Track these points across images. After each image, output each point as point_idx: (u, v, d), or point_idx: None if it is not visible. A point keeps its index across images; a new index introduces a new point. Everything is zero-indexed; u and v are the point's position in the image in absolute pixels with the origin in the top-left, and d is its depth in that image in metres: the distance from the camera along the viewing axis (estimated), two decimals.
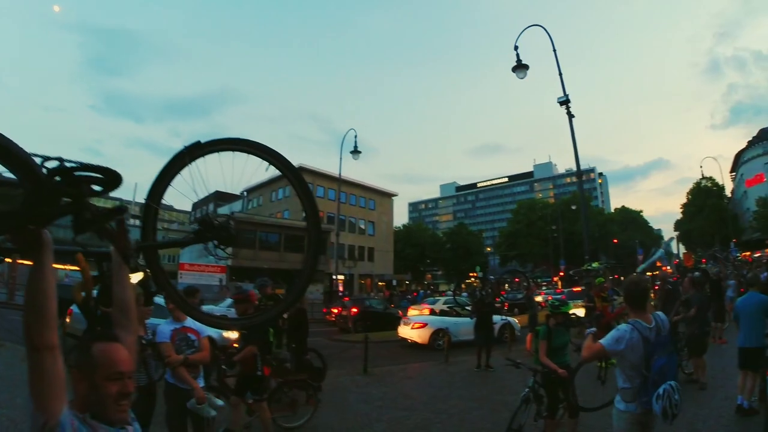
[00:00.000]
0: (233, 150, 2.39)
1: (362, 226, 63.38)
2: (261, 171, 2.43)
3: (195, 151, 2.33)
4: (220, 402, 5.12)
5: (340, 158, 31.31)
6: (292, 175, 2.48)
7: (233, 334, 10.37)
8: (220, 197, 63.35)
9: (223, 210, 58.38)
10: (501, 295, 29.63)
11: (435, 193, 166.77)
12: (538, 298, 30.86)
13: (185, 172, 2.34)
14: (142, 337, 4.85)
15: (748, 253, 59.30)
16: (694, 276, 10.16)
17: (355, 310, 22.57)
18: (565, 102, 15.59)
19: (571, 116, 15.65)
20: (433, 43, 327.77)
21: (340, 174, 31.60)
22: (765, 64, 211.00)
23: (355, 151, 26.48)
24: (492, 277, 29.03)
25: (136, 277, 2.38)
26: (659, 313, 3.75)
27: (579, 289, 28.50)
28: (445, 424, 7.59)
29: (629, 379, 3.57)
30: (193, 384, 4.94)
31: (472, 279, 62.89)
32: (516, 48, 16.08)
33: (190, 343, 5.15)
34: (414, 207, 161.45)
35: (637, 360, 3.49)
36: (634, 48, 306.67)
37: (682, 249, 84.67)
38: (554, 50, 16.33)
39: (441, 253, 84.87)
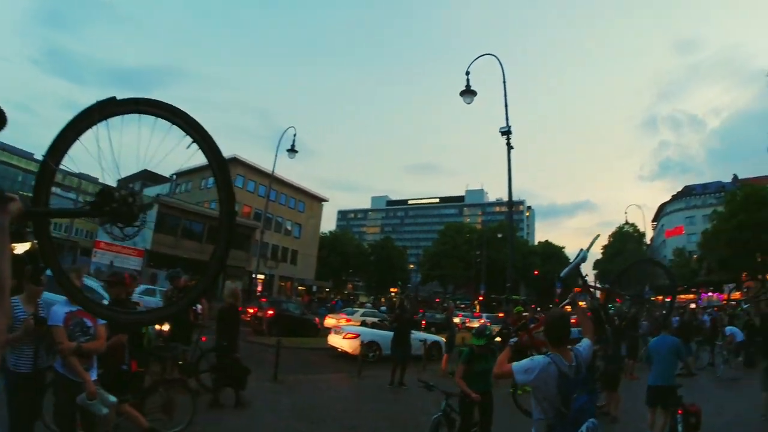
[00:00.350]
0: (154, 115, 2.05)
1: (288, 227, 62.23)
2: (188, 152, 2.07)
3: (108, 107, 2.02)
4: (112, 398, 4.53)
5: (276, 155, 30.11)
6: (215, 159, 2.07)
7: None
8: (150, 178, 60.64)
9: (151, 192, 55.91)
10: (419, 312, 29.75)
11: (366, 204, 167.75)
12: (456, 320, 31.36)
13: (96, 132, 2.03)
14: (38, 317, 4.30)
15: (660, 298, 63.82)
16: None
17: (271, 312, 21.86)
18: (506, 133, 15.78)
19: (510, 147, 15.85)
20: (388, 56, 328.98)
21: (273, 170, 30.65)
22: (697, 128, 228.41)
23: (292, 150, 25.84)
24: (417, 292, 29.24)
25: (20, 248, 2.07)
26: (580, 348, 3.64)
27: (502, 314, 29.21)
28: None
29: (544, 412, 3.45)
30: (84, 376, 4.39)
31: (393, 294, 63.10)
32: (467, 73, 16.26)
33: (85, 329, 4.57)
34: (343, 215, 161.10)
35: (551, 395, 3.37)
36: (580, 91, 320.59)
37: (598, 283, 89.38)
38: (504, 81, 16.58)
39: (365, 264, 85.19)
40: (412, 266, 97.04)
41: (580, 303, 4.74)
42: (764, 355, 12.24)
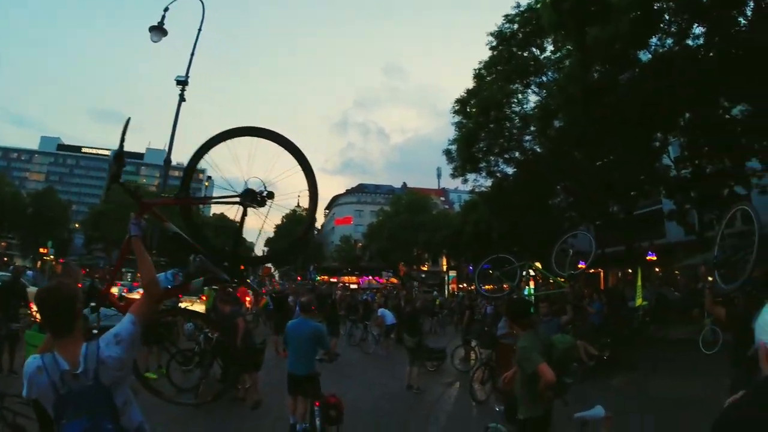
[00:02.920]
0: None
1: None
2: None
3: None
4: None
5: None
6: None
7: None
8: None
9: None
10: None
11: (34, 145, 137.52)
12: (114, 290, 28.01)
13: None
14: None
15: (326, 277, 70.51)
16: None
17: None
18: (182, 83, 14.07)
19: (182, 99, 14.25)
20: None
21: None
22: (383, 140, 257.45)
23: None
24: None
25: None
26: (102, 341, 2.41)
27: None
28: None
29: None
30: None
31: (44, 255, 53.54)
32: (166, 9, 13.90)
33: None
34: (5, 153, 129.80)
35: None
36: (288, 80, 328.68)
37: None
38: (200, 28, 14.74)
39: (21, 218, 68.95)
40: (77, 225, 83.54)
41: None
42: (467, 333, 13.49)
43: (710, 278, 5.61)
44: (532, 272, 11.59)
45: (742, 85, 15.98)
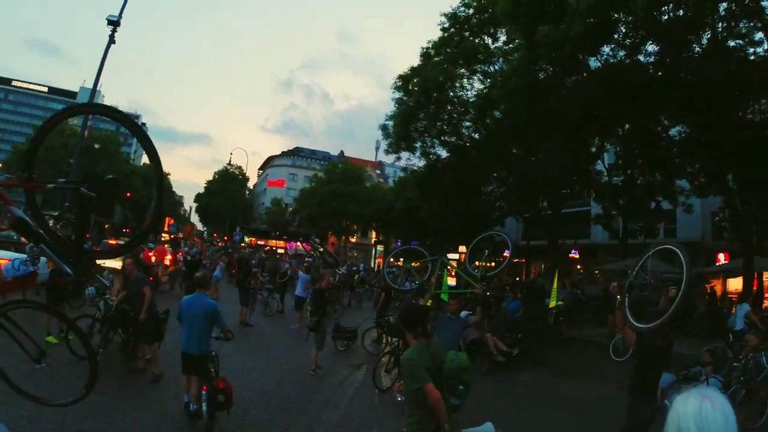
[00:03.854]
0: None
1: None
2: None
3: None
4: None
5: None
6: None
7: None
8: None
9: None
10: None
11: None
12: None
13: None
14: None
15: (253, 239, 69.12)
16: None
17: None
18: (114, 23, 13.18)
19: (112, 41, 13.41)
20: None
21: None
22: (326, 104, 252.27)
23: None
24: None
25: None
26: None
27: None
28: None
29: None
30: None
31: None
32: None
33: None
34: None
35: None
36: (235, 32, 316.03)
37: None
38: None
39: None
40: (0, 165, 76.11)
41: None
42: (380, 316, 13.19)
43: (619, 297, 5.55)
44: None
45: (683, 109, 16.45)
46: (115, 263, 20.67)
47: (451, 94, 25.54)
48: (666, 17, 15.33)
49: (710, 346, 11.16)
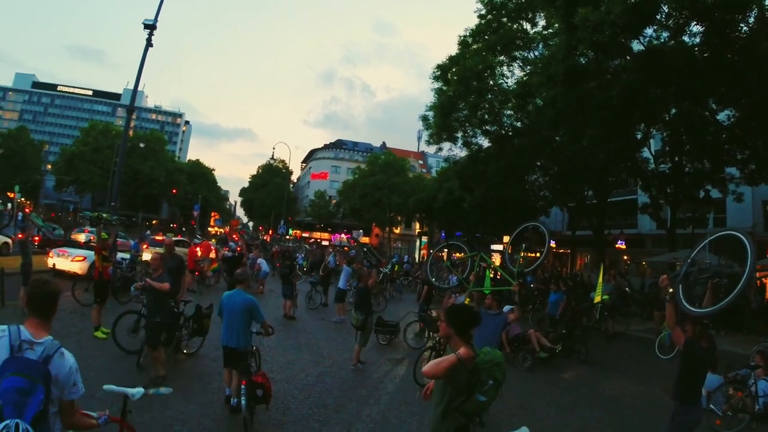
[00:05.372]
0: None
1: None
2: None
3: None
4: None
5: None
6: None
7: None
8: None
9: None
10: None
11: (8, 81, 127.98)
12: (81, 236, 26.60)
13: None
14: None
15: (298, 232, 70.33)
16: None
17: None
18: (150, 27, 13.62)
19: (149, 45, 13.84)
20: None
21: None
22: (368, 96, 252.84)
23: None
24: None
25: None
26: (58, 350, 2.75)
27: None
28: None
29: None
30: None
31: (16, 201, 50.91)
32: None
33: None
34: None
35: None
36: (273, 28, 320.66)
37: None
38: None
39: None
40: (50, 167, 79.33)
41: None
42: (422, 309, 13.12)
43: (671, 290, 5.26)
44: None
45: (732, 91, 15.62)
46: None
47: (491, 82, 25.07)
48: None
49: (761, 346, 10.63)
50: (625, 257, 33.20)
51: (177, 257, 9.90)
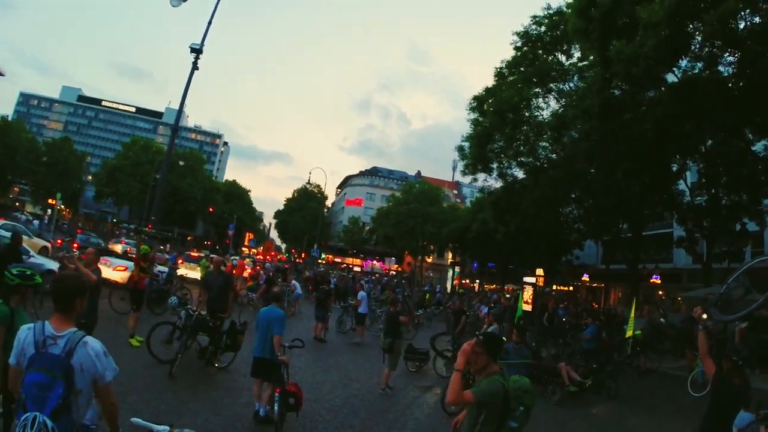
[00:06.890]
0: None
1: None
2: None
3: None
4: None
5: None
6: None
7: None
8: None
9: None
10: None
11: (55, 93, 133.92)
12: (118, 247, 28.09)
13: None
14: None
15: (330, 257, 70.95)
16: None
17: None
18: (197, 51, 14.32)
19: (195, 68, 14.50)
20: None
21: None
22: (403, 124, 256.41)
23: None
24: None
25: None
26: (81, 339, 2.85)
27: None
28: None
29: None
30: None
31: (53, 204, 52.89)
32: None
33: None
34: (25, 99, 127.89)
35: None
36: (312, 55, 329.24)
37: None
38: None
39: (35, 166, 68.74)
40: (90, 177, 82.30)
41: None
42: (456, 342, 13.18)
43: (705, 316, 5.27)
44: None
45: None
46: (196, 274, 22.04)
47: (526, 114, 25.17)
48: (742, 25, 14.45)
49: None
50: (660, 292, 32.34)
51: (225, 275, 10.22)
